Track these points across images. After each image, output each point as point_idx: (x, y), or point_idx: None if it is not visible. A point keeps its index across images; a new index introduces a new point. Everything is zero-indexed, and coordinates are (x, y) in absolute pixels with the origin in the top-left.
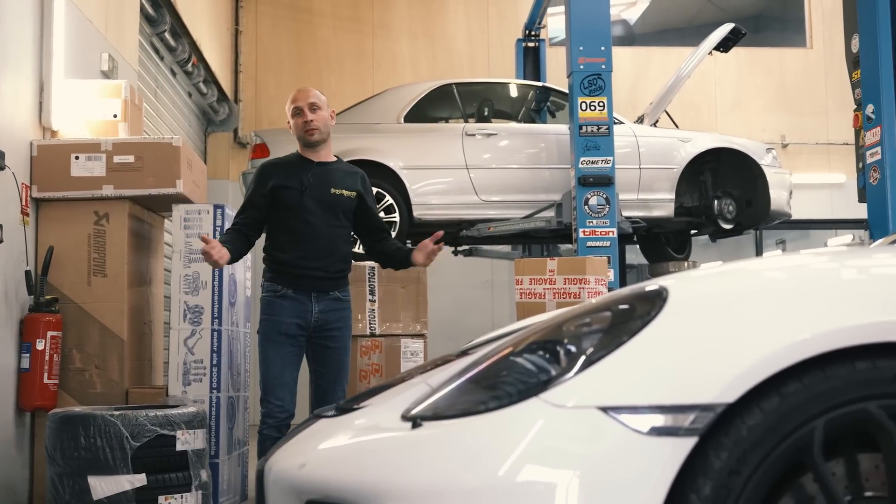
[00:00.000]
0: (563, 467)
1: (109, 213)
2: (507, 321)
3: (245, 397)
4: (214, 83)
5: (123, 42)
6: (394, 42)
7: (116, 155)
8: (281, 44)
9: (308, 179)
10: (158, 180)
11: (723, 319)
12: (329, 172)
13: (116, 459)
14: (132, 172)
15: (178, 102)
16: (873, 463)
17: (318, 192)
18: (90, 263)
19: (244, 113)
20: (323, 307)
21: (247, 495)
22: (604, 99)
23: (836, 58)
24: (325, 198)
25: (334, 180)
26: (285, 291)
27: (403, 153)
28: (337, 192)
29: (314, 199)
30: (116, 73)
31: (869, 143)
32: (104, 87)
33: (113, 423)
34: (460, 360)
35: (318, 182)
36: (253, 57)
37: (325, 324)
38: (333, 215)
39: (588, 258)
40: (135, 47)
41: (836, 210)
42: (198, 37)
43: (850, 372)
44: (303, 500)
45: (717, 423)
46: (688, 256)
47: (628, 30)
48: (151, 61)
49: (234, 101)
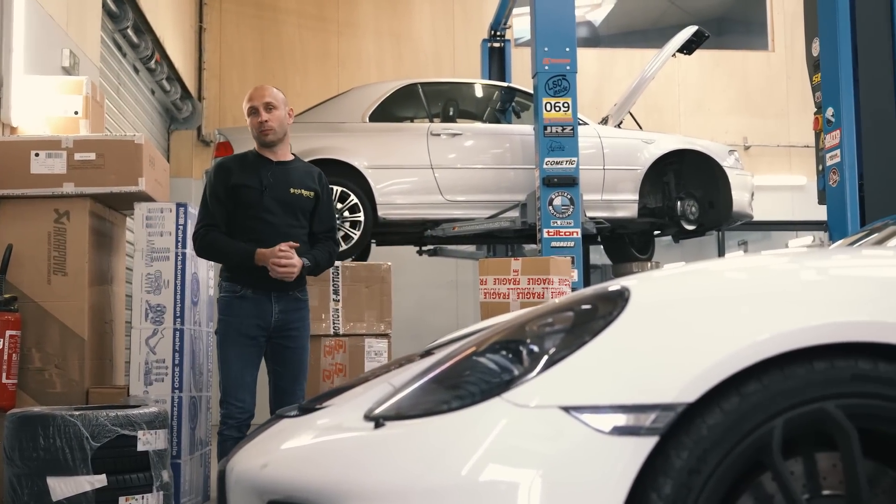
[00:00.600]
0: (526, 467)
1: (70, 211)
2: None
3: (207, 397)
4: (178, 81)
5: (85, 38)
6: (359, 41)
7: (77, 152)
8: (245, 42)
9: (268, 179)
10: (120, 178)
11: (684, 320)
12: (288, 172)
13: (76, 460)
14: (93, 170)
15: (140, 100)
16: (831, 462)
17: (277, 191)
18: (50, 262)
19: (208, 111)
20: (283, 307)
21: (209, 496)
22: (568, 100)
23: (798, 61)
24: (284, 198)
25: (293, 180)
26: (245, 292)
27: (368, 152)
28: (296, 193)
29: (274, 198)
30: (78, 70)
31: (829, 145)
32: (65, 83)
33: (73, 424)
34: (424, 359)
35: (277, 181)
36: (217, 55)
37: (285, 324)
38: (293, 215)
39: (552, 258)
40: (97, 43)
41: (796, 212)
42: (161, 34)
43: (808, 372)
44: (264, 500)
45: (677, 422)
46: (651, 257)
47: (593, 31)
48: (114, 58)
49: (197, 98)
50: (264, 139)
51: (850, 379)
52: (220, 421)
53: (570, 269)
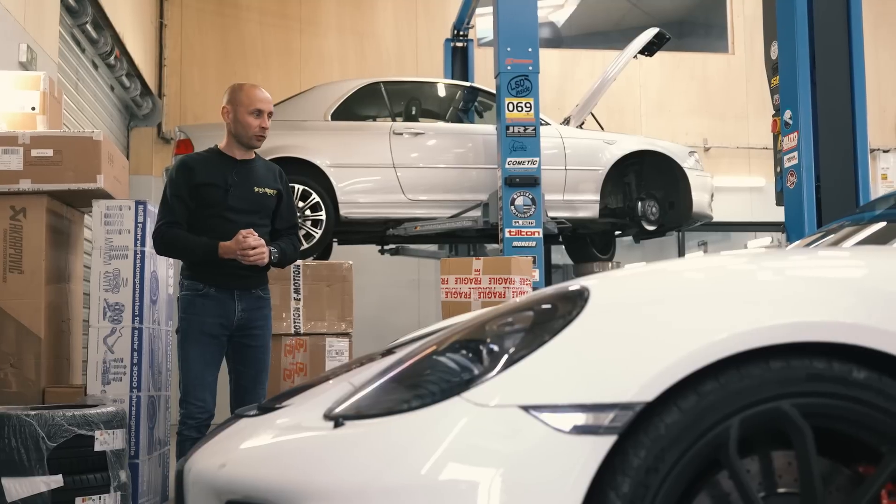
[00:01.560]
0: (486, 465)
1: (26, 208)
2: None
3: (166, 397)
4: (138, 77)
5: (43, 33)
6: (322, 39)
7: (34, 148)
8: (206, 38)
9: (232, 177)
10: (78, 175)
11: (643, 319)
12: (251, 170)
13: (32, 460)
14: (51, 166)
15: (99, 96)
16: (786, 460)
17: (241, 190)
18: (6, 259)
19: (168, 108)
20: (245, 305)
21: (167, 496)
22: (531, 100)
23: (757, 64)
24: (248, 196)
25: (257, 178)
26: (207, 290)
27: (330, 151)
28: (260, 191)
29: (238, 197)
30: (35, 65)
31: (786, 147)
32: (22, 78)
33: (28, 424)
34: (384, 359)
35: (242, 180)
36: (178, 51)
37: (248, 322)
38: (256, 214)
39: (513, 258)
40: (55, 38)
41: (755, 213)
42: (121, 29)
43: (764, 371)
44: (223, 500)
45: (636, 421)
46: (612, 257)
47: (556, 32)
48: (72, 53)
49: (157, 95)
50: (256, 144)
51: (805, 378)
52: (179, 421)
53: (532, 268)
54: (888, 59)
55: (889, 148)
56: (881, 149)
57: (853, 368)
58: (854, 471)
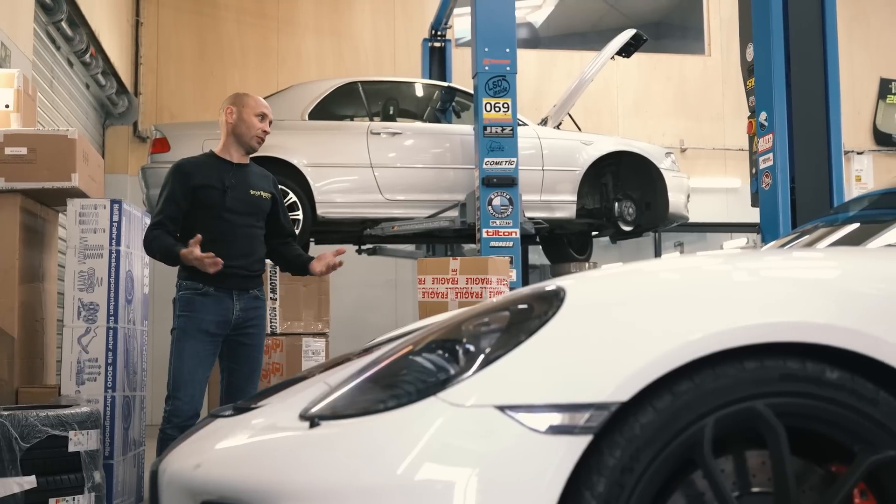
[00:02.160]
0: (462, 465)
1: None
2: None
3: (142, 397)
4: (113, 75)
5: (17, 30)
6: (299, 38)
7: (8, 146)
8: (183, 37)
9: (230, 180)
10: (53, 173)
11: (618, 319)
12: (247, 174)
13: (4, 461)
14: (25, 165)
15: (74, 94)
16: (760, 459)
17: (239, 192)
18: None
19: (144, 106)
20: (243, 305)
21: (142, 497)
22: (508, 100)
23: (733, 65)
24: (245, 198)
25: (253, 182)
26: (207, 289)
27: (307, 151)
28: (256, 194)
29: (236, 199)
30: (9, 62)
31: (762, 149)
32: None
33: (1, 424)
34: (360, 359)
35: (238, 183)
36: (154, 49)
37: (244, 321)
38: (253, 216)
39: (490, 258)
40: (29, 36)
41: (731, 214)
42: (96, 27)
43: (739, 371)
44: (198, 501)
45: (611, 421)
46: (589, 257)
47: (533, 33)
48: (47, 51)
49: (133, 94)
50: (255, 145)
51: (779, 378)
52: (163, 419)
53: (509, 269)
54: (862, 61)
55: (863, 150)
56: (855, 151)
57: (826, 369)
58: (827, 470)
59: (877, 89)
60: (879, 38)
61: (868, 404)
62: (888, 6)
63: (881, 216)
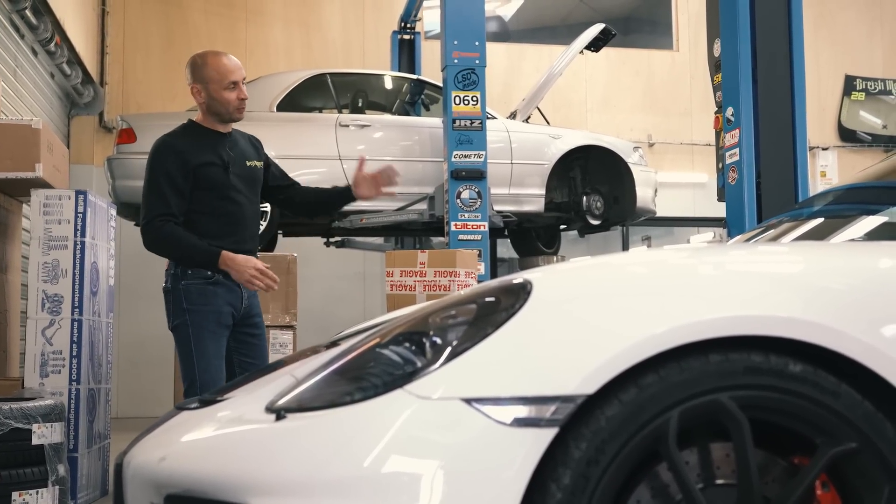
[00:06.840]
0: (428, 458)
1: None
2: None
3: (107, 389)
4: (79, 65)
5: None
6: (267, 29)
7: None
8: (150, 26)
9: (227, 153)
10: (16, 163)
11: (585, 313)
12: (237, 144)
13: None
14: None
15: (39, 83)
16: (724, 452)
17: (238, 166)
18: None
19: (110, 96)
20: (249, 293)
21: (107, 490)
22: (477, 94)
23: (701, 61)
24: (244, 172)
25: (246, 152)
26: (217, 277)
27: (276, 142)
28: (251, 165)
29: (237, 175)
30: None
31: (728, 144)
32: None
33: None
34: (328, 351)
35: (236, 155)
36: (120, 39)
37: (249, 310)
38: (254, 191)
39: (458, 251)
40: None
41: (698, 208)
42: (61, 15)
43: (703, 364)
44: (162, 494)
45: (577, 413)
46: (557, 251)
47: (503, 26)
48: (11, 39)
49: (99, 83)
50: (237, 117)
51: (743, 371)
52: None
53: (477, 262)
54: (828, 59)
55: (828, 146)
56: (820, 147)
57: (789, 362)
58: (790, 462)
59: (842, 86)
60: (845, 36)
61: (830, 397)
62: (854, 5)
63: (845, 211)
